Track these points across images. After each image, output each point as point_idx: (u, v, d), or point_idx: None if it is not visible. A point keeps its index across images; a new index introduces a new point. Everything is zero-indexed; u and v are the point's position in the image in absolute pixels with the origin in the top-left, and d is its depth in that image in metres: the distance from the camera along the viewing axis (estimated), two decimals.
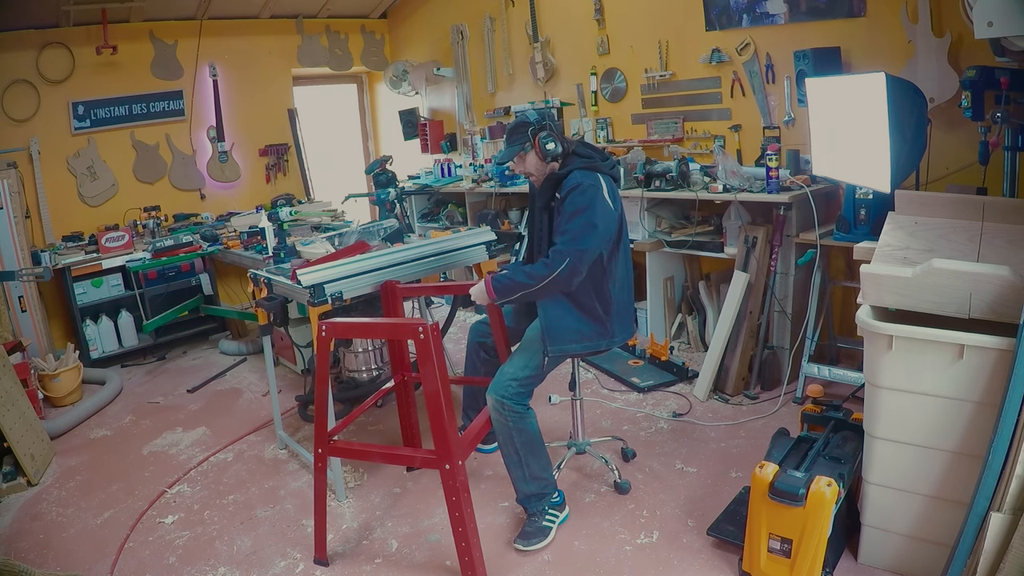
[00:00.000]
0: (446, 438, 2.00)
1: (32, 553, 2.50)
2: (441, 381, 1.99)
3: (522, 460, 2.31)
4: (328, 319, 2.25)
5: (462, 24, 5.39)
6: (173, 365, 4.55)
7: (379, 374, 3.47)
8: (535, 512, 2.35)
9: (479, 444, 2.63)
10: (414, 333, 1.98)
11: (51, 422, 3.51)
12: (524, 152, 2.39)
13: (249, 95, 5.50)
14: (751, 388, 3.33)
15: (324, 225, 4.35)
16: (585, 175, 2.27)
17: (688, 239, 3.64)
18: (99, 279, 4.50)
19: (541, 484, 2.35)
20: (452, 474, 2.01)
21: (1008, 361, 1.64)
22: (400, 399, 2.82)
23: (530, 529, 2.32)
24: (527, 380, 2.32)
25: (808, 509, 1.86)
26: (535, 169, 2.41)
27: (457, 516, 2.03)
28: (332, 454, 2.30)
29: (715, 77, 3.87)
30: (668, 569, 2.17)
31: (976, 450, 1.75)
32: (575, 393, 2.72)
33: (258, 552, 2.43)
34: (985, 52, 2.54)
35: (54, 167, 4.71)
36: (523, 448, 2.30)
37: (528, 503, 2.36)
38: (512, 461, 2.33)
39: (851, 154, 2.72)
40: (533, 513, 2.36)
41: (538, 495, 2.35)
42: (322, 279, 2.56)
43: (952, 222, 2.19)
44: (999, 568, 1.57)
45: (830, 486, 1.85)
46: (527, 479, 2.33)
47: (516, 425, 2.28)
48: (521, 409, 2.29)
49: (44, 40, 4.58)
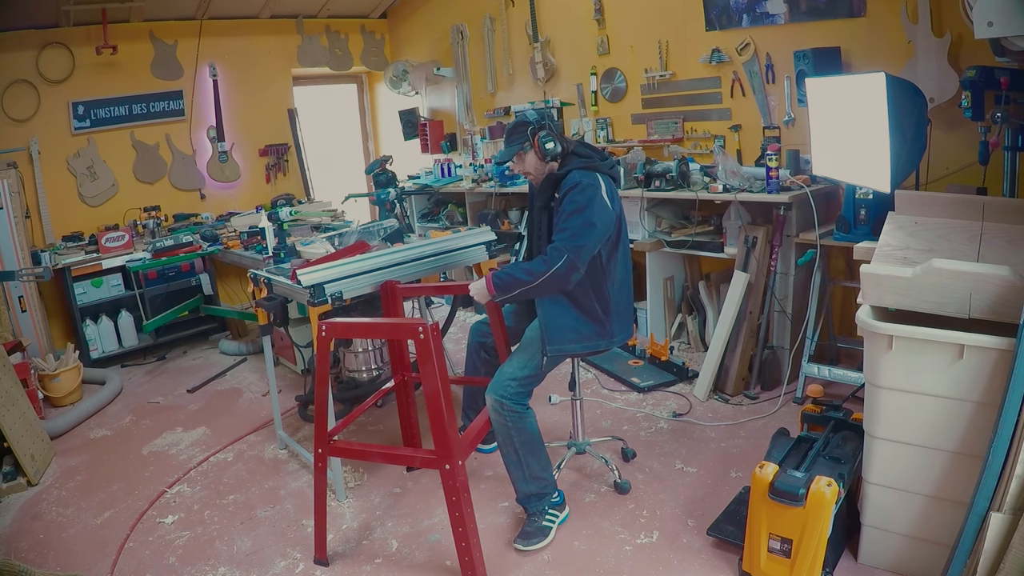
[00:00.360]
0: (446, 438, 2.00)
1: (32, 553, 2.50)
2: (441, 381, 1.99)
3: (521, 460, 2.31)
4: (328, 319, 2.25)
5: (462, 24, 5.39)
6: (173, 365, 4.55)
7: (379, 374, 3.47)
8: (535, 512, 2.35)
9: (479, 444, 2.63)
10: (414, 333, 1.98)
11: (51, 422, 3.51)
12: (523, 152, 2.40)
13: (249, 95, 5.50)
14: (751, 388, 3.33)
15: (324, 225, 4.35)
16: (584, 175, 2.27)
17: (688, 239, 3.64)
18: (99, 279, 4.50)
19: (541, 484, 2.35)
20: (452, 474, 2.01)
21: (1008, 361, 1.64)
22: (400, 399, 2.82)
23: (530, 529, 2.32)
24: (526, 380, 2.33)
25: (808, 509, 1.86)
26: (534, 169, 2.42)
27: (457, 516, 2.03)
28: (332, 454, 2.30)
29: (715, 77, 3.87)
30: (668, 569, 2.17)
31: (976, 450, 1.75)
32: (575, 393, 2.72)
33: (258, 552, 2.42)
34: (985, 52, 2.54)
35: (54, 167, 4.71)
36: (522, 448, 2.30)
37: (528, 503, 2.36)
38: (512, 461, 2.33)
39: (851, 154, 2.72)
40: (533, 513, 2.36)
41: (538, 495, 2.35)
42: (322, 279, 2.56)
43: (952, 222, 2.18)
44: (999, 568, 1.57)
45: (830, 486, 1.85)
46: (527, 479, 2.33)
47: (515, 425, 2.28)
48: (520, 409, 2.29)
49: (44, 40, 4.58)
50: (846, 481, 2.00)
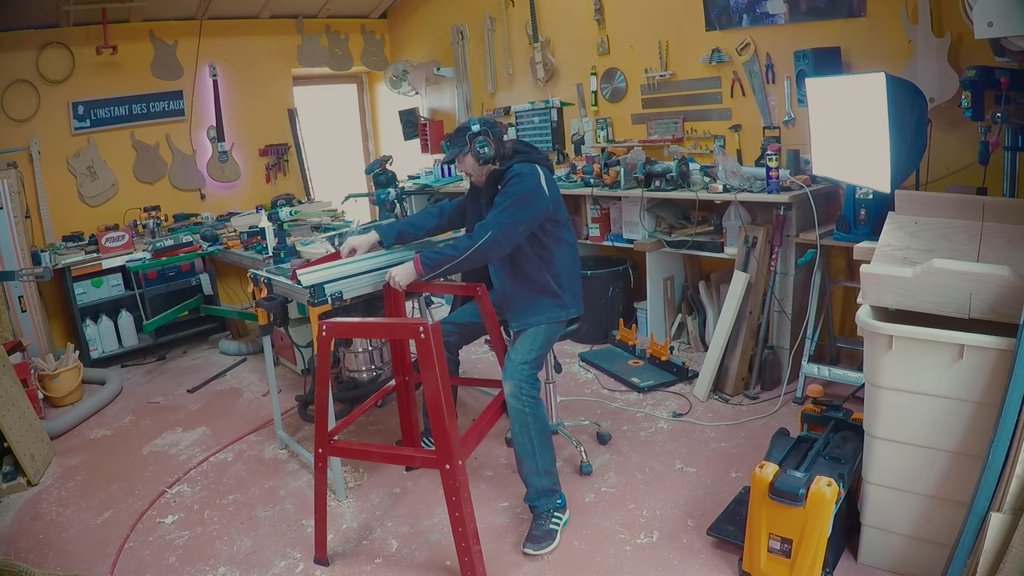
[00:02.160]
0: (447, 438, 2.00)
1: (32, 553, 2.50)
2: (442, 381, 1.99)
3: (536, 451, 2.35)
4: (328, 319, 2.25)
5: (462, 24, 5.39)
6: (173, 365, 4.55)
7: (379, 374, 3.47)
8: (542, 513, 2.36)
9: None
10: (415, 333, 1.98)
11: (51, 422, 3.51)
12: (462, 154, 2.58)
13: (249, 95, 5.49)
14: (751, 388, 3.33)
15: (324, 225, 4.35)
16: (524, 166, 2.48)
17: (688, 239, 3.64)
18: (99, 279, 4.49)
19: (551, 480, 2.39)
20: (452, 474, 2.01)
21: (1008, 361, 1.64)
22: (401, 399, 2.82)
23: (538, 533, 2.32)
24: (536, 361, 2.46)
25: (808, 509, 1.86)
26: (473, 170, 2.60)
27: (457, 516, 2.03)
28: (332, 454, 2.30)
29: (715, 77, 3.87)
30: (668, 569, 2.17)
31: (976, 450, 1.75)
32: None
33: (258, 552, 2.42)
34: (985, 52, 2.54)
35: (54, 167, 4.70)
36: (538, 437, 2.36)
37: (538, 501, 2.37)
38: (527, 452, 2.36)
39: (851, 154, 2.72)
40: (540, 514, 2.36)
41: (548, 492, 2.38)
42: (322, 279, 2.56)
43: (952, 222, 2.18)
44: (999, 568, 1.56)
45: (830, 486, 1.85)
46: (540, 473, 2.36)
47: (533, 412, 2.36)
48: (536, 393, 2.40)
49: (44, 40, 4.58)
50: (846, 481, 2.00)
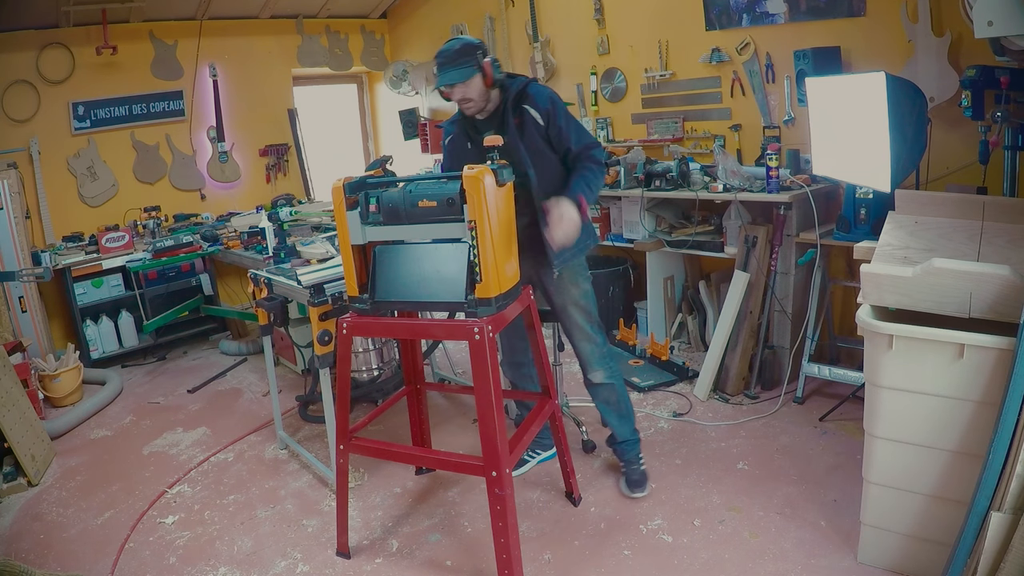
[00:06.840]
0: (494, 444, 1.92)
1: (32, 553, 2.50)
2: (494, 385, 1.89)
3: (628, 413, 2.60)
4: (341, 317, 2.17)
5: (462, 24, 5.39)
6: (173, 365, 4.55)
7: (379, 374, 3.47)
8: (631, 458, 2.59)
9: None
10: (469, 335, 1.83)
11: (51, 422, 3.51)
12: (470, 77, 2.16)
13: (249, 95, 5.49)
14: (751, 388, 3.32)
15: (324, 225, 4.34)
16: (538, 85, 2.28)
17: (688, 239, 3.64)
18: (99, 279, 4.50)
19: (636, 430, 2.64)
20: (499, 482, 1.93)
21: (1008, 360, 1.64)
22: (411, 405, 2.72)
23: (636, 477, 2.56)
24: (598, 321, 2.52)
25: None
26: (478, 95, 2.19)
27: (500, 526, 1.94)
28: (354, 451, 2.25)
29: (715, 77, 3.87)
30: (668, 569, 2.17)
31: (976, 449, 1.74)
32: (555, 360, 2.90)
33: (258, 552, 2.43)
34: (985, 51, 2.54)
35: (54, 167, 4.70)
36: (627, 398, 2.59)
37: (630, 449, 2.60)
38: (628, 411, 2.60)
39: (851, 154, 2.72)
40: (630, 459, 2.59)
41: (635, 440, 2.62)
42: (322, 279, 2.56)
43: (952, 221, 2.18)
44: (999, 568, 1.57)
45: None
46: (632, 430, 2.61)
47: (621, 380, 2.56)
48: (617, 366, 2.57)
49: (44, 40, 4.58)
50: None
